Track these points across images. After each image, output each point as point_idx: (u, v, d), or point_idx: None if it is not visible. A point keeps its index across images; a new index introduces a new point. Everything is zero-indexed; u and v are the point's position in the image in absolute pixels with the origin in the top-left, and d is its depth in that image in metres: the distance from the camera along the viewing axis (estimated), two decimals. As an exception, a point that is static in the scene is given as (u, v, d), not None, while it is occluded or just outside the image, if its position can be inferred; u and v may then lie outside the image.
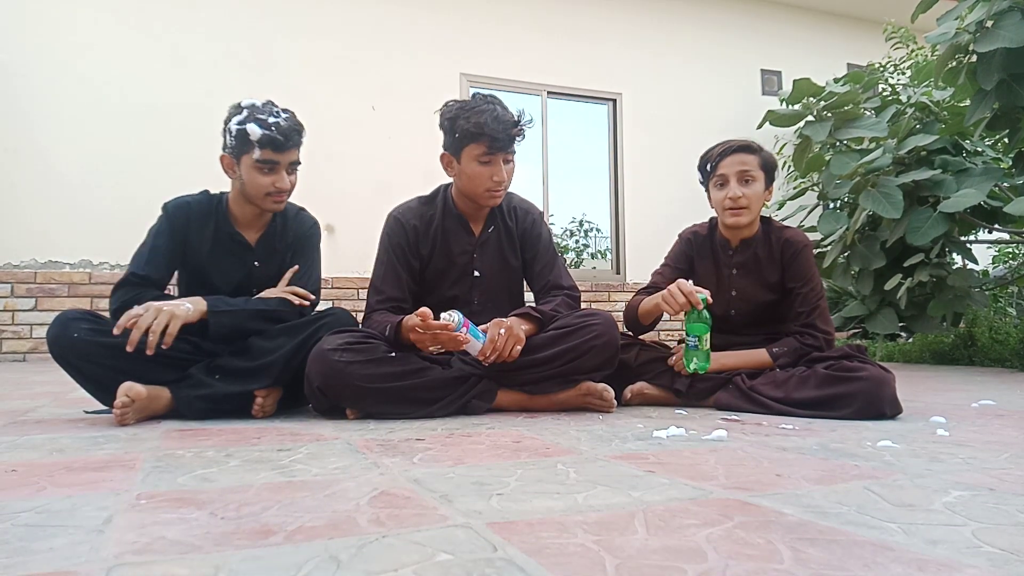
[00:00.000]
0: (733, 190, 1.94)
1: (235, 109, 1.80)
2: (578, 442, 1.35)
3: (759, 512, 0.82)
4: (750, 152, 1.96)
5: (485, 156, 1.82)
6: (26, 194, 4.54)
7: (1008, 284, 4.70)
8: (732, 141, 1.99)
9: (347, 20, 5.36)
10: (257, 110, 1.78)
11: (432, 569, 0.62)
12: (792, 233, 2.03)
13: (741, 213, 1.96)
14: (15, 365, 4.14)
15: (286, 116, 1.80)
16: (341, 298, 5.05)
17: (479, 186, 1.86)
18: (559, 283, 2.00)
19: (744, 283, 2.05)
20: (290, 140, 1.78)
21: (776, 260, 2.02)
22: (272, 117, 1.77)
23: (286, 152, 1.79)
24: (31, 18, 4.63)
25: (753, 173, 1.95)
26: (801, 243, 2.00)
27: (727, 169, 1.96)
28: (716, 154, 1.99)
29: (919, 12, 3.35)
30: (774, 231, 2.05)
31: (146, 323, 1.58)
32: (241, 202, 1.86)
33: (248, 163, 1.78)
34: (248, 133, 1.75)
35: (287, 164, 1.80)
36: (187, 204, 1.86)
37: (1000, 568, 0.63)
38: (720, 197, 1.98)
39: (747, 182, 1.95)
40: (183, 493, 0.92)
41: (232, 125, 1.78)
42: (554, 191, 5.98)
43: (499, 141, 1.81)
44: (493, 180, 1.85)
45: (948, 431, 1.48)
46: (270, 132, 1.75)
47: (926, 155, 3.79)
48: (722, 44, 6.54)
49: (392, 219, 1.98)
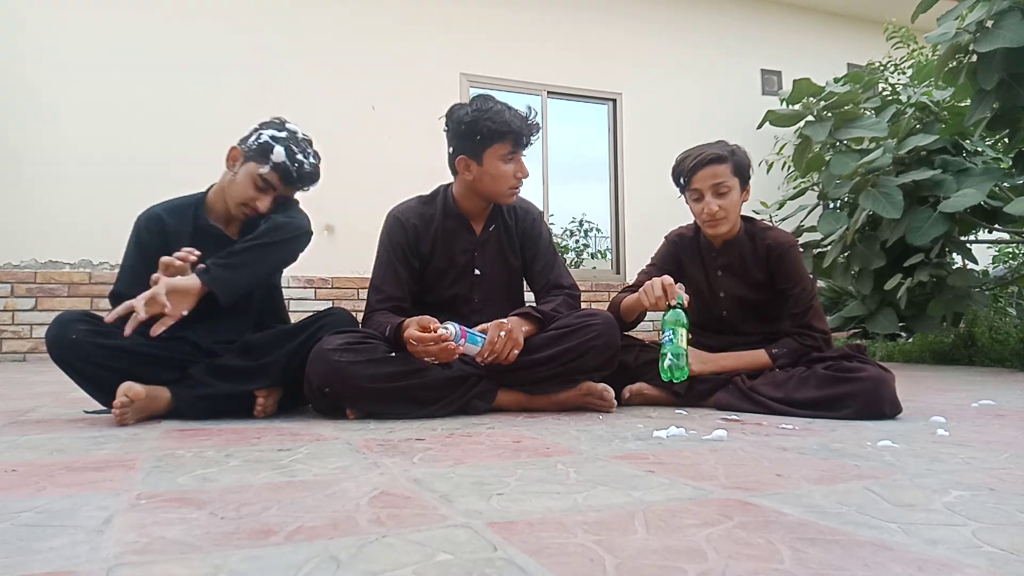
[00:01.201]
0: (709, 204, 1.94)
1: (278, 124, 1.82)
2: (578, 442, 1.35)
3: (759, 512, 0.82)
4: (721, 162, 1.94)
5: (510, 154, 1.86)
6: (26, 194, 4.54)
7: (1008, 284, 4.70)
8: (703, 151, 1.96)
9: (347, 20, 5.36)
10: (295, 140, 1.80)
11: (432, 569, 0.62)
12: (776, 235, 2.03)
13: (719, 223, 1.96)
14: (15, 365, 4.14)
15: (313, 163, 1.83)
16: (341, 298, 5.05)
17: (503, 184, 1.88)
18: (559, 282, 2.00)
19: (731, 284, 2.06)
20: (300, 182, 1.82)
21: (761, 261, 2.02)
22: (301, 155, 1.80)
23: (288, 188, 1.82)
24: (31, 18, 4.63)
25: (727, 183, 1.94)
26: (786, 245, 1.99)
27: (700, 183, 1.95)
28: (688, 168, 1.97)
29: (919, 12, 3.36)
30: (758, 232, 2.04)
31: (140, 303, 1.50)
32: (222, 198, 1.86)
33: (251, 170, 1.78)
34: (272, 152, 1.77)
35: (279, 193, 1.82)
36: (156, 213, 1.84)
37: (1000, 568, 0.63)
38: (697, 210, 1.99)
39: (722, 194, 1.94)
40: (183, 493, 0.92)
41: (265, 133, 1.79)
42: (554, 191, 5.98)
43: (524, 137, 1.86)
44: (517, 177, 1.89)
45: (948, 431, 1.48)
46: (291, 165, 1.78)
47: (926, 155, 3.80)
48: (722, 44, 6.54)
49: (392, 218, 1.98)
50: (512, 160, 1.88)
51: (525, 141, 1.88)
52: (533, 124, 1.88)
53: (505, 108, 1.86)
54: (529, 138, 1.88)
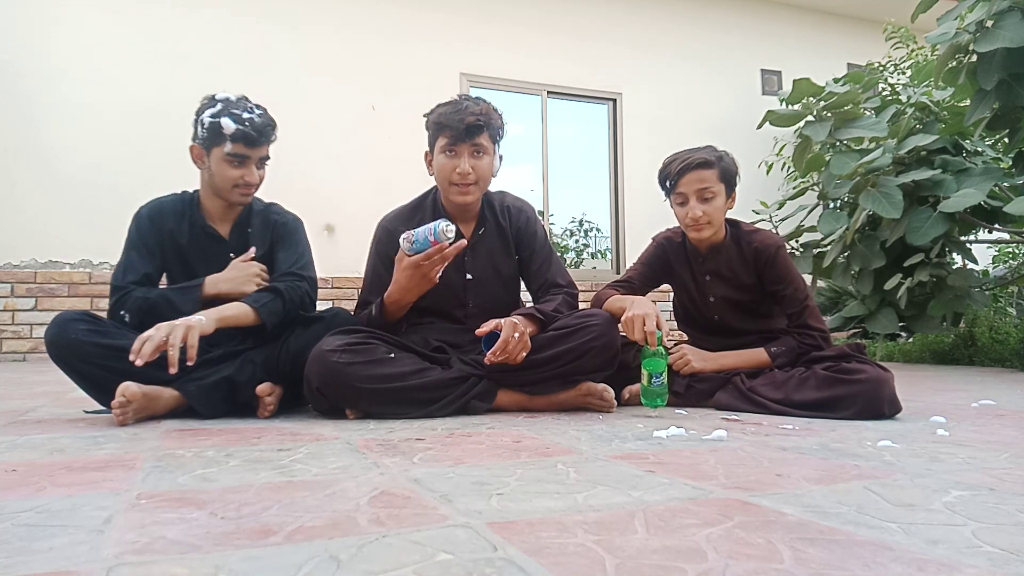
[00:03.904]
0: (693, 209, 1.93)
1: (209, 101, 1.82)
2: (578, 442, 1.35)
3: (759, 512, 0.82)
4: (708, 167, 1.93)
5: (448, 147, 1.84)
6: (26, 194, 4.54)
7: (1008, 284, 4.70)
8: (690, 155, 1.94)
9: (347, 20, 5.36)
10: (231, 104, 1.79)
11: (432, 569, 0.62)
12: (762, 238, 2.01)
13: (702, 229, 1.95)
14: (15, 365, 4.14)
15: (259, 112, 1.82)
16: (341, 298, 5.05)
17: (444, 178, 1.88)
18: (556, 281, 1.99)
19: (720, 288, 2.05)
20: (262, 136, 1.81)
21: (748, 264, 2.01)
22: (246, 113, 1.79)
23: (257, 148, 1.81)
24: (31, 18, 4.63)
25: (712, 188, 1.92)
26: (773, 247, 1.98)
27: (685, 188, 1.94)
28: (674, 172, 1.95)
29: (919, 12, 3.35)
30: (743, 236, 2.03)
31: (159, 339, 1.52)
32: (211, 195, 1.87)
33: (218, 155, 1.79)
34: (221, 127, 1.76)
35: (257, 159, 1.83)
36: (159, 204, 1.88)
37: (1000, 568, 0.63)
38: (681, 215, 1.97)
39: (707, 199, 1.93)
40: (183, 493, 0.92)
41: (205, 117, 1.79)
42: (554, 191, 5.98)
43: (456, 131, 1.81)
44: (456, 173, 1.84)
45: (948, 431, 1.48)
46: (244, 127, 1.77)
47: (926, 155, 3.79)
48: (722, 44, 6.54)
49: (379, 227, 2.00)
50: (453, 155, 1.84)
51: (458, 136, 1.81)
52: (472, 118, 1.81)
53: (455, 103, 1.86)
54: (463, 134, 1.81)
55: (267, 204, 1.98)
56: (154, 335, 1.52)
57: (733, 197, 2.00)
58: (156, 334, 1.53)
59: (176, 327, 1.55)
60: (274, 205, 1.99)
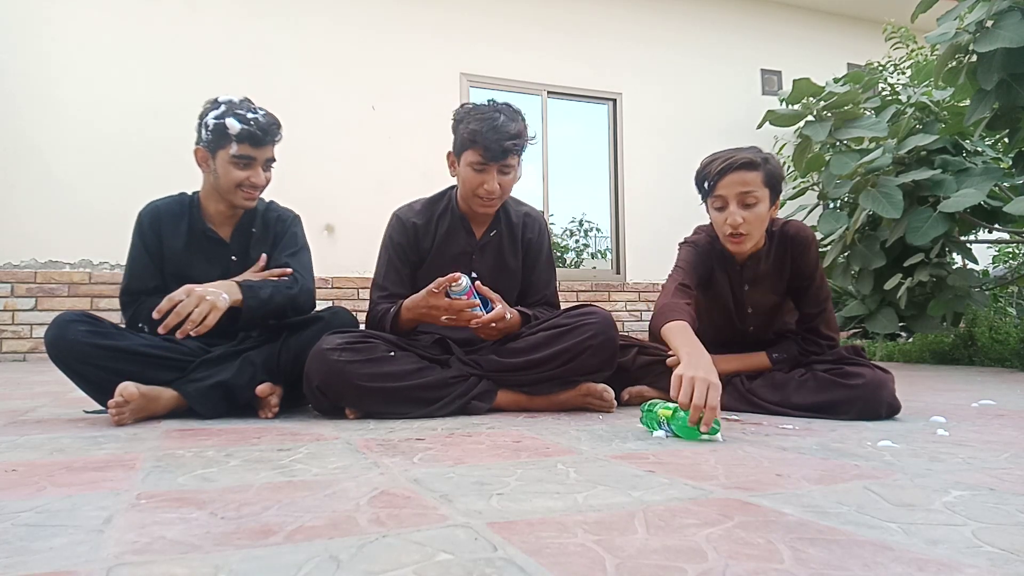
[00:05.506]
0: (733, 215, 1.72)
1: (212, 104, 1.81)
2: (578, 442, 1.35)
3: (759, 512, 0.82)
4: (752, 169, 1.72)
5: (479, 164, 1.82)
6: (26, 194, 4.54)
7: (1008, 284, 4.70)
8: (734, 155, 1.73)
9: (347, 20, 5.36)
10: (235, 105, 1.79)
11: (432, 569, 0.62)
12: (798, 226, 1.87)
13: (742, 240, 1.75)
14: (15, 365, 4.14)
15: (264, 113, 1.82)
16: (341, 298, 5.05)
17: (469, 191, 1.87)
18: (551, 301, 2.05)
19: (758, 297, 1.93)
20: (268, 135, 1.81)
21: (784, 258, 1.87)
22: (251, 113, 1.78)
23: (263, 148, 1.81)
24: (30, 18, 4.63)
25: (756, 193, 1.72)
26: (809, 236, 1.87)
27: (726, 190, 1.73)
28: (715, 171, 1.74)
29: (919, 12, 3.35)
30: (777, 232, 1.88)
31: (186, 310, 1.59)
32: (213, 198, 1.87)
33: (224, 158, 1.79)
34: (227, 127, 1.76)
35: (263, 160, 1.82)
36: (156, 208, 1.88)
37: (1000, 568, 0.63)
38: (719, 220, 1.77)
39: (748, 205, 1.72)
40: (183, 493, 0.92)
41: (209, 119, 1.79)
42: (554, 191, 5.98)
43: (491, 152, 1.78)
44: (484, 189, 1.83)
45: (948, 431, 1.48)
46: (249, 127, 1.76)
47: (926, 155, 3.79)
48: (722, 44, 6.54)
49: (394, 217, 2.00)
50: (482, 171, 1.82)
51: (493, 156, 1.78)
52: (510, 142, 1.79)
53: (492, 118, 1.79)
54: (499, 155, 1.79)
55: (267, 204, 1.98)
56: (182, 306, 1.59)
57: (776, 205, 1.80)
58: (187, 301, 1.60)
59: (204, 302, 1.61)
60: (272, 203, 1.99)
